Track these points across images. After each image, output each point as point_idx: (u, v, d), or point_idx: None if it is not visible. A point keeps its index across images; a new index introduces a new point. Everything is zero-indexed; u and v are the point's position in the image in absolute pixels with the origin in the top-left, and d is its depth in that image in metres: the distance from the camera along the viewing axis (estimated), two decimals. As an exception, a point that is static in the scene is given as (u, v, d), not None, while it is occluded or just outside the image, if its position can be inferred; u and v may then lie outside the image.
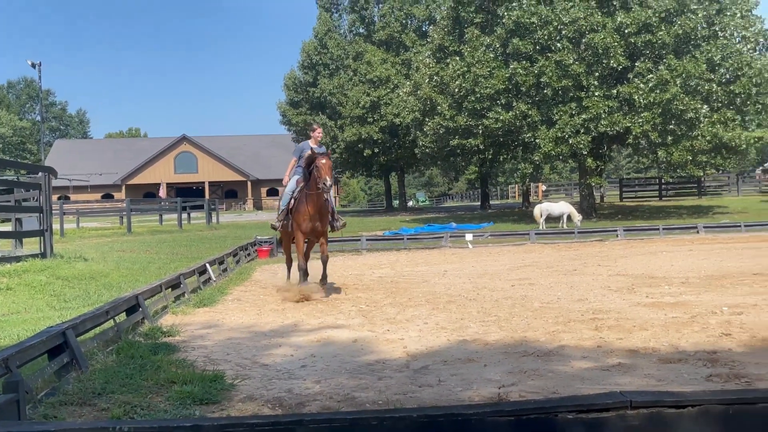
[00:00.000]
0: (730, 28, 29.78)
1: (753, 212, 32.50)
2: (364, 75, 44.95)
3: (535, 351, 6.33)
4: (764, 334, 6.67)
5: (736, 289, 10.03)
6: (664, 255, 16.28)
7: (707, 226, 24.73)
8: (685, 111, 27.81)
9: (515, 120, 29.71)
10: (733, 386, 4.89)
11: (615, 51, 28.24)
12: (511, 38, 30.02)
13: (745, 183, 49.51)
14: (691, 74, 27.72)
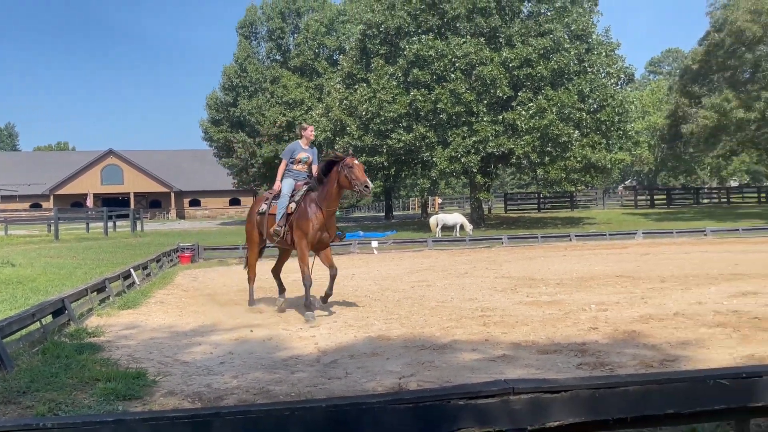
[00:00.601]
0: (597, 65, 31.13)
1: (616, 223, 34.03)
2: (280, 97, 44.64)
3: (432, 345, 6.42)
4: (625, 328, 6.98)
5: (602, 289, 10.43)
6: (542, 260, 16.75)
7: (578, 235, 25.68)
8: (559, 135, 28.85)
9: (415, 141, 30.09)
10: (599, 373, 5.09)
11: (501, 82, 29.05)
12: (412, 68, 30.42)
13: (609, 198, 51.86)
14: (565, 104, 28.80)
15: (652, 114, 58.19)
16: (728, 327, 6.76)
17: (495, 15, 30.53)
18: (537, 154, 29.70)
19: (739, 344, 5.95)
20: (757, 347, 5.77)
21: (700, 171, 62.80)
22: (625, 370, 5.18)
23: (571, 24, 30.68)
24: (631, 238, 24.91)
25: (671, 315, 7.56)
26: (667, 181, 65.91)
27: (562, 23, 30.52)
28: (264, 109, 45.02)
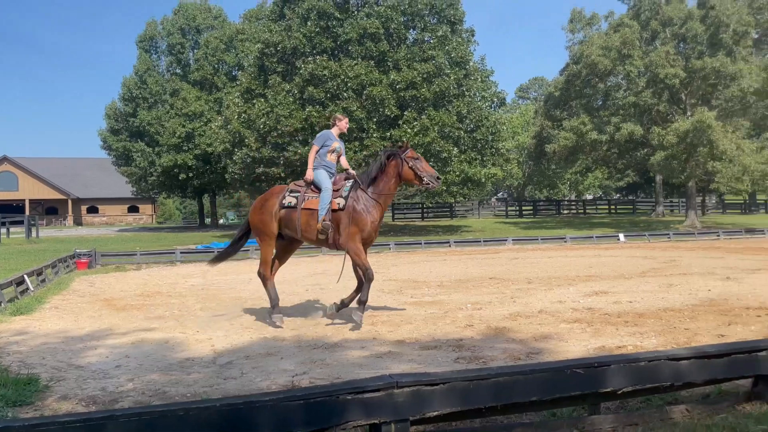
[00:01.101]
0: (473, 89, 32.26)
1: (489, 231, 35.28)
2: (180, 109, 43.19)
3: (323, 344, 6.38)
4: (496, 325, 7.22)
5: (477, 289, 10.72)
6: (425, 264, 17.06)
7: (457, 241, 26.39)
8: (441, 151, 29.62)
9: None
10: (473, 366, 5.22)
11: (389, 102, 29.49)
12: (307, 86, 30.31)
13: (484, 208, 53.79)
14: (446, 123, 29.62)
15: (521, 134, 60.83)
16: (583, 322, 7.14)
17: (384, 41, 30.99)
18: (419, 168, 30.32)
19: (592, 337, 6.28)
20: (607, 339, 6.13)
21: (561, 185, 66.34)
22: (497, 362, 5.33)
23: (451, 52, 31.64)
24: (502, 244, 25.88)
25: (536, 312, 7.89)
26: (534, 194, 69.14)
27: (443, 51, 31.41)
28: (163, 120, 43.42)
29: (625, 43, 34.52)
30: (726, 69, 31.95)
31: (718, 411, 3.79)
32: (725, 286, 9.90)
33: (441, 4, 32.43)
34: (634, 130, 34.79)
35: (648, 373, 3.54)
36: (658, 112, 35.86)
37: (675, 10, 34.81)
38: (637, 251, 20.08)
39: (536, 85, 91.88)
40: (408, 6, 31.64)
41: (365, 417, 3.00)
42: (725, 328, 6.46)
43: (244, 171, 33.04)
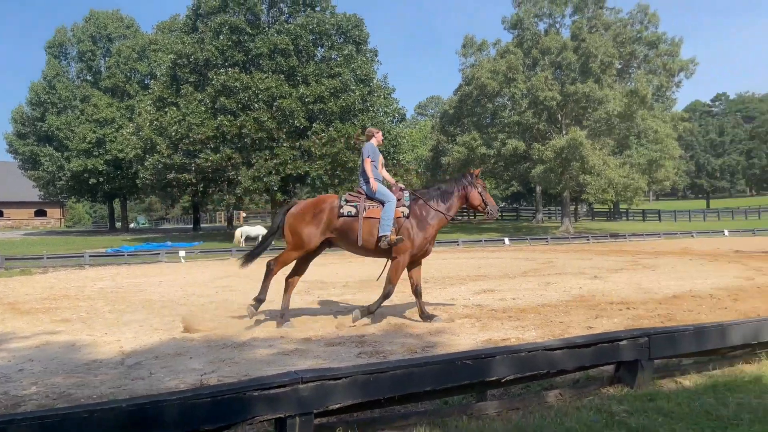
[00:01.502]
0: (377, 105, 32.60)
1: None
2: (90, 115, 40.87)
3: (233, 343, 6.21)
4: (395, 321, 7.30)
5: (379, 290, 10.65)
6: (332, 266, 16.98)
7: (361, 245, 26.54)
8: (347, 162, 29.71)
9: (221, 161, 29.21)
10: (374, 360, 5.26)
11: (298, 114, 29.26)
12: (219, 96, 29.54)
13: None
14: (351, 135, 29.75)
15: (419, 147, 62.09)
16: (473, 318, 7.35)
17: (293, 56, 30.74)
18: (329, 177, 30.31)
19: (480, 331, 6.49)
20: (493, 333, 6.34)
21: (454, 194, 68.13)
22: (395, 356, 5.38)
23: (357, 69, 31.84)
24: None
25: (431, 309, 8.04)
26: (431, 202, 70.60)
27: (349, 68, 31.56)
28: (73, 126, 40.92)
29: (511, 68, 36.09)
30: (594, 94, 34.08)
31: (586, 394, 4.01)
32: (593, 284, 10.51)
33: (347, 25, 32.61)
34: (517, 145, 36.42)
35: (528, 362, 3.70)
36: (538, 130, 37.72)
37: (552, 41, 36.76)
38: (519, 253, 20.96)
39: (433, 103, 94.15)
40: (316, 25, 31.57)
41: (271, 412, 2.95)
42: (593, 320, 6.85)
43: (156, 177, 31.71)
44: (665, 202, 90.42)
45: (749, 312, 6.88)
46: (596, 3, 38.63)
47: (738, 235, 33.10)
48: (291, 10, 33.01)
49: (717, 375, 4.42)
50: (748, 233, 33.90)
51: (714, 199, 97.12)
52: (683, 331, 4.28)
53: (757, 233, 34.19)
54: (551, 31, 39.39)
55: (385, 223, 7.10)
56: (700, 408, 3.62)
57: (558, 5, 39.07)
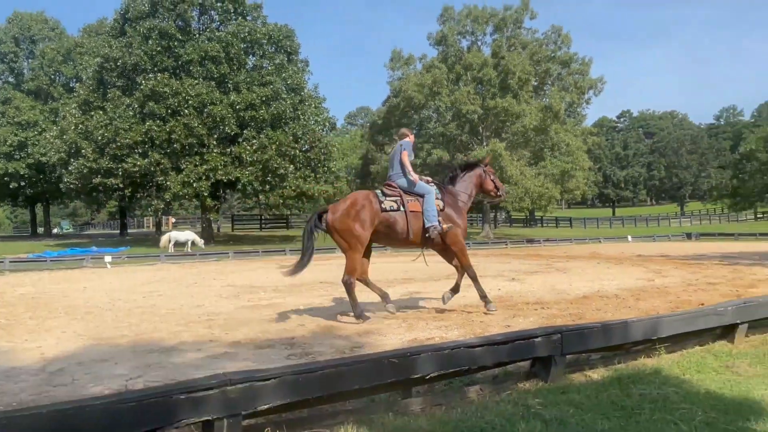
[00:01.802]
0: (308, 113, 32.43)
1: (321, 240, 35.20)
2: (12, 117, 38.44)
3: (160, 348, 5.97)
4: (325, 324, 7.23)
5: (309, 293, 10.69)
6: (262, 270, 16.70)
7: (292, 250, 26.19)
8: (278, 168, 29.36)
9: (150, 166, 28.19)
10: (303, 361, 5.19)
11: (229, 120, 28.67)
12: (148, 101, 28.53)
13: (316, 220, 53.92)
14: (282, 143, 29.44)
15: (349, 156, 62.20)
16: (399, 319, 7.38)
17: (224, 63, 30.12)
18: (259, 183, 29.83)
19: (407, 331, 6.53)
20: (419, 333, 6.40)
21: (383, 201, 68.61)
22: (325, 357, 5.32)
23: (288, 79, 31.59)
24: (333, 251, 26.08)
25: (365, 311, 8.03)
26: (360, 208, 70.78)
27: (280, 77, 31.26)
28: (-7, 128, 38.45)
29: (436, 82, 36.81)
30: (513, 109, 35.28)
31: (504, 389, 4.11)
32: (511, 286, 10.83)
33: (278, 36, 32.30)
34: (442, 155, 37.14)
35: (450, 359, 3.75)
36: (461, 141, 38.62)
37: (474, 58, 37.79)
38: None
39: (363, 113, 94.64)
40: (248, 34, 31.08)
41: (197, 415, 2.85)
42: (511, 319, 7.05)
43: (81, 181, 30.20)
44: (576, 210, 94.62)
45: (650, 310, 7.28)
46: (515, 23, 40.05)
47: (640, 240, 35.07)
48: (222, 18, 32.35)
49: (622, 368, 4.64)
50: (649, 239, 35.98)
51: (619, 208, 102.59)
52: (592, 328, 4.47)
53: (656, 239, 36.35)
54: (473, 48, 40.50)
55: (430, 214, 7.17)
56: (606, 399, 3.79)
57: (479, 24, 40.23)
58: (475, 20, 40.18)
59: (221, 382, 2.93)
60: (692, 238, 38.48)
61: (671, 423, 3.37)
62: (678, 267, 14.11)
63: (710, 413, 3.51)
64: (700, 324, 5.14)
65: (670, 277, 11.57)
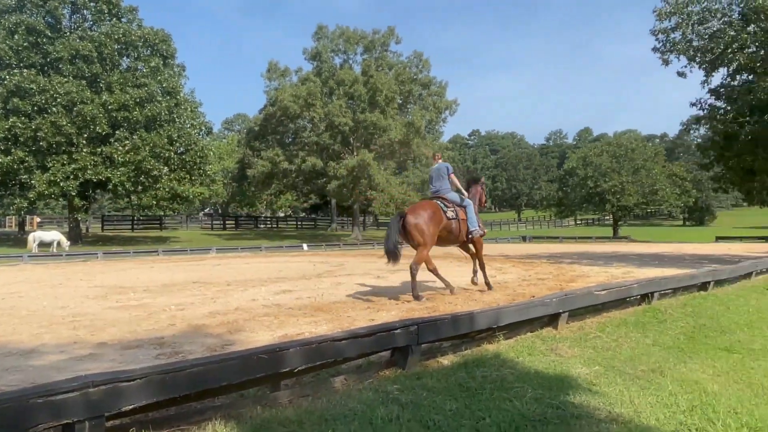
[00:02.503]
0: (183, 117, 30.75)
1: (196, 241, 33.80)
2: None
3: (19, 351, 5.31)
4: (197, 323, 6.87)
5: (181, 293, 10.11)
6: (133, 271, 15.56)
7: (165, 250, 24.69)
8: (151, 169, 27.52)
9: (13, 164, 25.09)
10: (173, 360, 4.88)
11: (100, 120, 26.39)
12: (12, 97, 25.39)
13: (192, 222, 51.30)
14: (157, 144, 27.64)
15: (226, 160, 59.88)
16: (272, 316, 7.23)
17: (97, 63, 27.68)
18: (132, 183, 27.75)
19: (278, 328, 6.40)
20: (290, 329, 6.30)
21: (259, 204, 66.92)
22: (196, 355, 5.04)
23: (163, 82, 29.76)
24: (207, 252, 24.99)
25: (233, 310, 7.74)
26: (236, 211, 68.40)
27: (156, 80, 29.36)
28: None
29: (310, 94, 36.64)
30: (380, 123, 36.11)
31: (367, 377, 4.16)
32: (377, 283, 11.04)
33: (154, 39, 30.31)
34: (316, 163, 37.02)
35: (318, 353, 3.73)
36: (333, 151, 38.76)
37: (346, 74, 38.17)
38: (316, 258, 21.25)
39: (240, 120, 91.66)
40: (122, 35, 28.82)
41: (57, 418, 2.57)
42: (375, 314, 7.18)
43: (-70, 177, 26.17)
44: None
45: (491, 302, 7.78)
46: (382, 46, 41.05)
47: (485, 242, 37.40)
48: (96, 17, 29.72)
49: (468, 354, 4.90)
50: (492, 241, 38.53)
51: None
52: (444, 320, 4.67)
53: (498, 241, 39.04)
54: (345, 66, 40.90)
55: (473, 221, 9.02)
56: (455, 382, 3.98)
57: (351, 44, 40.74)
58: (347, 40, 40.60)
59: (82, 384, 2.67)
60: (527, 240, 41.90)
61: (507, 400, 3.61)
62: (515, 265, 15.25)
63: (538, 390, 3.82)
64: (531, 313, 5.58)
65: (509, 274, 12.48)
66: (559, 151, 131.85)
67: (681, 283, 8.37)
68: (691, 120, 23.73)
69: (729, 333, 6.10)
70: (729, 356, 5.11)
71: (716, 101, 20.11)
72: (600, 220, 78.70)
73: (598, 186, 50.68)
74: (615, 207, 51.10)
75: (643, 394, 3.84)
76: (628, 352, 5.10)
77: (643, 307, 7.32)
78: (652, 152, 55.28)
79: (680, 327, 6.30)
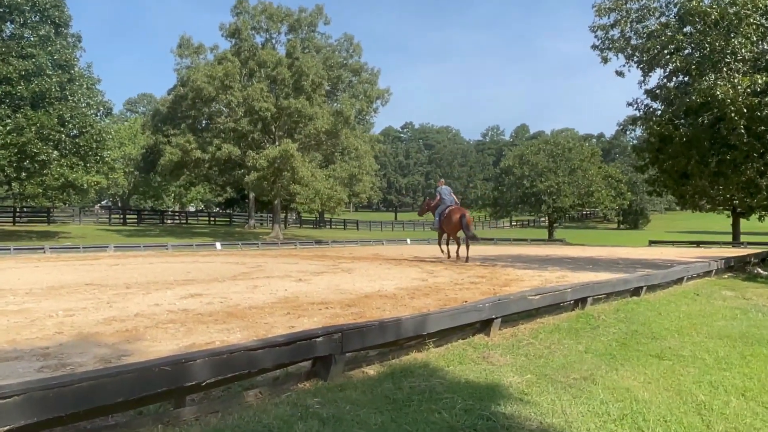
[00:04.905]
0: (78, 94, 29.08)
1: (90, 237, 32.10)
2: None
3: None
4: (89, 330, 6.53)
5: (71, 296, 9.57)
6: (13, 271, 14.56)
7: (53, 248, 23.29)
8: (38, 153, 25.87)
9: None
10: (60, 374, 4.60)
11: (-25, 94, 24.50)
12: None
13: (86, 215, 48.58)
14: (45, 125, 26.00)
15: (128, 145, 57.34)
16: (178, 323, 6.98)
17: (-28, 27, 25.66)
18: (13, 169, 25.97)
19: (185, 336, 6.19)
20: (198, 337, 6.11)
21: (165, 197, 64.52)
22: (86, 368, 4.79)
23: (55, 53, 28.02)
24: (103, 250, 23.80)
25: (132, 316, 7.41)
26: (139, 203, 65.62)
27: (45, 50, 27.59)
28: None
29: (228, 75, 35.73)
30: (306, 110, 35.78)
31: (285, 390, 4.11)
32: (298, 286, 10.93)
33: (44, 3, 28.46)
34: (232, 151, 36.14)
35: (229, 364, 3.64)
36: (253, 139, 38.00)
37: (269, 55, 37.53)
38: (230, 258, 20.77)
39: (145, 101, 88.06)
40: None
41: None
42: (295, 320, 7.10)
43: None
44: (362, 213, 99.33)
45: (422, 307, 7.90)
46: (309, 26, 40.70)
47: (417, 243, 38.04)
48: (-29, -26, 27.52)
49: (395, 363, 4.95)
50: (425, 242, 39.21)
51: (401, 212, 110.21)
52: (370, 326, 4.69)
53: (431, 242, 39.78)
54: (268, 46, 40.20)
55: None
56: (381, 394, 4.01)
57: (274, 22, 40.09)
58: (270, 17, 39.91)
59: (-58, 404, 2.46)
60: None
61: (436, 412, 3.68)
62: (448, 268, 15.59)
63: (468, 401, 3.91)
64: (463, 319, 5.71)
65: (441, 277, 12.73)
66: (495, 148, 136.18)
67: (615, 288, 8.86)
68: (627, 120, 25.15)
69: (660, 339, 6.52)
70: (660, 363, 5.46)
71: (653, 102, 21.45)
72: (535, 221, 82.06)
73: (534, 186, 52.75)
74: (551, 208, 53.39)
75: (575, 403, 4.03)
76: (560, 359, 5.33)
77: (577, 313, 7.68)
78: (589, 152, 58.15)
79: (613, 333, 6.66)
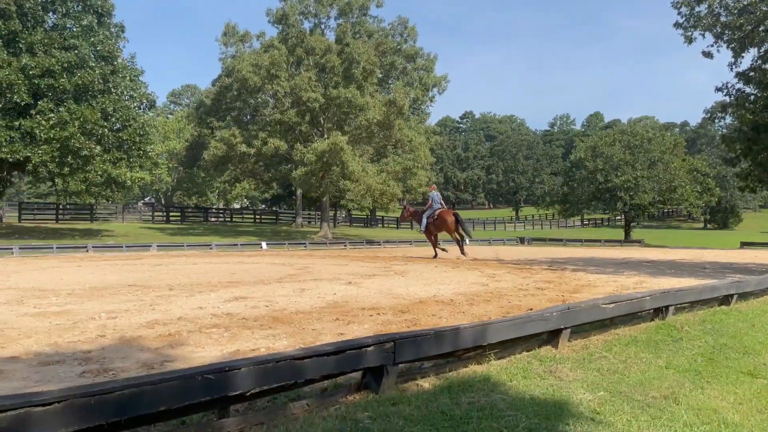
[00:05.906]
0: (121, 87, 30.23)
1: (133, 236, 33.34)
2: None
3: None
4: (131, 334, 6.77)
5: (114, 297, 9.95)
6: (56, 270, 15.27)
7: (96, 246, 24.31)
8: (81, 148, 27.02)
9: None
10: (101, 379, 4.79)
11: (19, 88, 25.77)
12: None
13: (129, 212, 50.54)
14: (88, 119, 27.13)
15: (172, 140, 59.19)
16: (222, 327, 7.16)
17: (15, 19, 27.02)
18: (56, 165, 27.21)
19: (229, 342, 6.34)
20: (243, 343, 6.25)
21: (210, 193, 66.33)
22: (129, 373, 4.96)
23: (98, 44, 29.21)
24: (146, 250, 24.68)
25: (176, 319, 7.65)
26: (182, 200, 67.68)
27: (87, 41, 28.80)
28: None
29: (274, 63, 36.35)
30: (356, 100, 35.99)
31: (333, 403, 4.14)
32: (347, 290, 11.02)
33: (87, -9, 29.70)
34: (279, 145, 36.76)
35: (274, 373, 3.69)
36: (300, 132, 38.55)
37: (317, 42, 37.96)
38: (277, 258, 21.15)
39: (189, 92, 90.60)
40: (48, -14, 28.21)
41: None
42: (344, 327, 7.16)
43: None
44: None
45: (482, 315, 7.82)
46: (361, 9, 40.91)
47: (476, 244, 37.71)
48: (14, -36, 28.98)
49: (452, 376, 4.92)
50: (485, 243, 38.83)
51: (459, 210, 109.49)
52: (425, 335, 4.67)
53: (492, 243, 39.35)
54: (316, 32, 40.67)
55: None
56: (436, 409, 3.99)
57: (323, 5, 40.50)
58: (319, 1, 40.35)
59: (-20, 410, 2.59)
60: (525, 242, 42.33)
61: (497, 431, 3.63)
62: (511, 272, 15.39)
63: (533, 419, 3.85)
64: (528, 329, 5.62)
65: (503, 282, 12.57)
66: (565, 139, 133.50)
67: (700, 296, 8.53)
68: (716, 107, 24.18)
69: (753, 354, 6.24)
70: (753, 381, 5.22)
71: (745, 86, 20.54)
72: (610, 220, 79.95)
73: (608, 181, 51.38)
74: (627, 206, 51.89)
75: (654, 425, 3.90)
76: (637, 375, 5.17)
77: (657, 323, 7.44)
78: (671, 143, 56.15)
79: (698, 347, 6.42)
